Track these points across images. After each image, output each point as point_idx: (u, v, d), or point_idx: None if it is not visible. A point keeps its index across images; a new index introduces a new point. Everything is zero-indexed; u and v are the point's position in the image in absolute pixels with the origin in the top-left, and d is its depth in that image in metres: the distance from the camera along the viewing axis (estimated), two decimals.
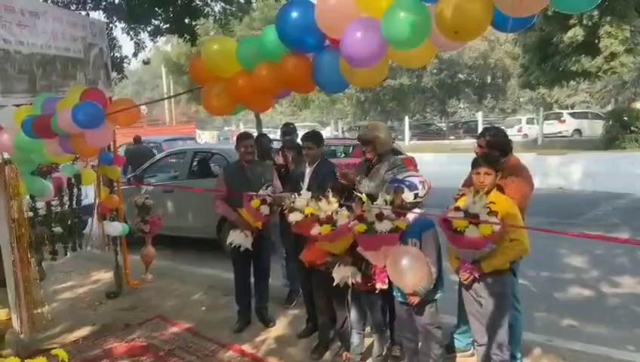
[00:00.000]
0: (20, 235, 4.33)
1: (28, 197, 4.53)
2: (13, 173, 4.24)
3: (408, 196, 3.23)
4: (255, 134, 5.56)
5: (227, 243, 4.50)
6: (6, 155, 3.99)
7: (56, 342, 4.44)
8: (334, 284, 3.44)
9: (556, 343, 4.02)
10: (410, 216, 3.19)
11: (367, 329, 3.83)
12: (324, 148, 4.65)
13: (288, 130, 5.51)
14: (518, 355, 3.58)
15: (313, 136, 4.43)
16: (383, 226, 2.99)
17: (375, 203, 3.16)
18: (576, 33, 17.31)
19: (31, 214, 4.55)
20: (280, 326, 4.64)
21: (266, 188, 4.32)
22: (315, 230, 3.37)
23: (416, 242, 3.19)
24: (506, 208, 2.98)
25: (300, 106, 36.07)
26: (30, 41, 4.28)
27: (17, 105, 3.72)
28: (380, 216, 3.01)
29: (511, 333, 3.26)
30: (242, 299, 4.69)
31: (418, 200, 3.25)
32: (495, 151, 3.48)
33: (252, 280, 4.74)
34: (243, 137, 4.69)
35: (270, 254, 4.85)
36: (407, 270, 2.92)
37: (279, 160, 5.31)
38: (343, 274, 3.40)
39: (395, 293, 3.37)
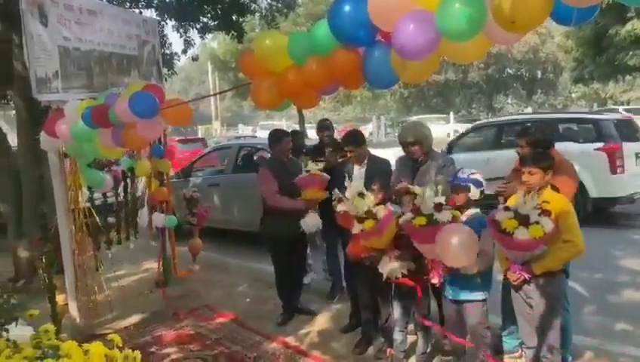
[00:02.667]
0: (79, 225, 4.54)
1: (85, 188, 4.75)
2: (72, 165, 4.45)
3: (475, 193, 3.18)
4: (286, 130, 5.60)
5: (303, 231, 4.39)
6: (64, 148, 4.20)
7: (109, 327, 4.63)
8: (383, 279, 3.42)
9: (609, 347, 3.86)
10: (469, 214, 3.14)
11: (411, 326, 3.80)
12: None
13: (324, 125, 5.50)
14: (569, 358, 3.47)
15: (350, 138, 4.41)
16: (444, 216, 2.88)
17: (427, 194, 3.00)
18: (634, 26, 16.48)
19: (88, 205, 4.74)
20: (323, 320, 4.67)
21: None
22: (357, 228, 3.33)
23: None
24: (560, 207, 2.86)
25: (342, 102, 36.05)
26: (88, 39, 4.45)
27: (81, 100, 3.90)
28: (439, 207, 2.90)
29: (561, 336, 3.16)
30: (285, 292, 4.75)
31: (483, 196, 3.21)
32: (538, 149, 3.39)
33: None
34: (283, 134, 4.78)
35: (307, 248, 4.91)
36: (457, 248, 2.80)
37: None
38: (391, 267, 3.37)
39: (445, 292, 3.32)
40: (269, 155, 4.78)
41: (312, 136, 9.87)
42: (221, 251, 7.14)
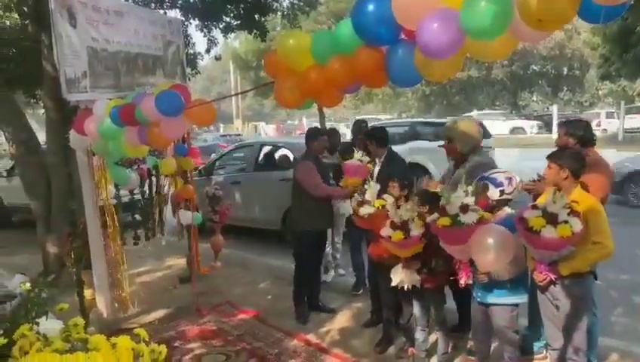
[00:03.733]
0: (106, 221, 4.64)
1: (112, 186, 4.85)
2: (99, 163, 4.56)
3: (494, 193, 3.12)
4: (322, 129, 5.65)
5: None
6: (91, 147, 4.30)
7: (134, 322, 4.73)
8: (392, 285, 3.44)
9: (634, 349, 3.79)
10: (502, 215, 3.09)
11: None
12: None
13: (360, 127, 5.51)
14: (594, 360, 3.42)
15: (371, 133, 4.64)
16: (469, 218, 2.83)
17: (455, 194, 2.97)
18: None
19: (115, 202, 4.85)
20: (344, 318, 4.69)
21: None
22: (386, 231, 3.34)
23: None
24: (589, 207, 2.79)
25: (363, 100, 35.95)
26: (115, 40, 4.54)
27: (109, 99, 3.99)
28: (465, 208, 2.85)
29: (587, 338, 3.11)
30: (308, 289, 4.80)
31: (505, 197, 3.14)
32: (573, 141, 3.34)
33: None
34: (320, 132, 4.90)
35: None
36: (493, 249, 2.75)
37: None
38: (400, 277, 3.39)
39: (474, 293, 3.29)
40: (304, 152, 4.81)
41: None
42: (242, 248, 7.20)
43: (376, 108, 41.43)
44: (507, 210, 3.15)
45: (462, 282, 3.12)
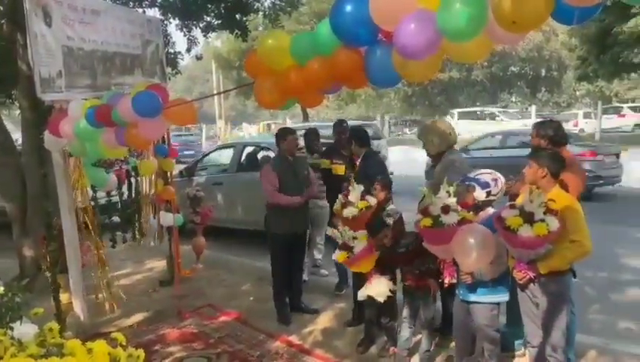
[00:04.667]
0: (82, 223, 4.56)
1: (89, 187, 4.78)
2: (75, 164, 4.48)
3: (480, 195, 3.14)
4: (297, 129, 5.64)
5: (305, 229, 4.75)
6: (67, 148, 4.22)
7: (113, 326, 4.65)
8: (358, 299, 3.50)
9: (613, 346, 3.86)
10: (485, 215, 3.10)
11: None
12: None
13: (342, 127, 5.49)
14: (572, 358, 3.46)
15: (352, 133, 4.69)
16: (450, 219, 2.86)
17: (438, 195, 3.01)
18: (637, 23, 16.39)
19: (92, 204, 4.77)
20: (327, 318, 4.68)
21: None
22: (335, 255, 3.50)
23: None
24: (566, 206, 2.82)
25: (346, 101, 36.03)
26: (92, 39, 4.46)
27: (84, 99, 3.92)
28: (446, 209, 2.88)
29: (566, 335, 3.15)
30: (286, 291, 4.77)
31: (491, 198, 3.17)
32: (544, 142, 3.41)
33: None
34: (289, 132, 4.76)
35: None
36: (474, 249, 2.78)
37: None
38: (369, 292, 3.43)
39: (457, 291, 3.30)
40: (276, 153, 4.81)
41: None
42: (224, 250, 7.16)
43: (359, 109, 41.56)
44: (490, 210, 3.18)
45: (446, 281, 3.16)
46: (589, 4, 1.45)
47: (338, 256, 3.46)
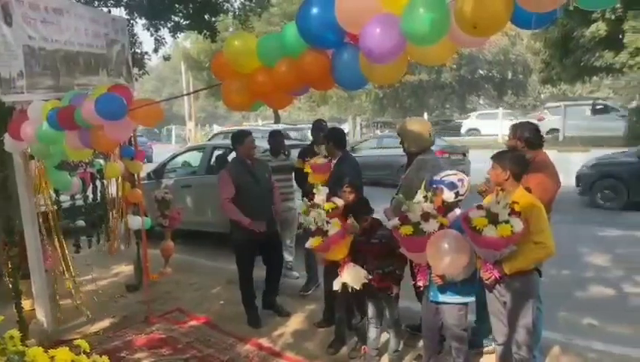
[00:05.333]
0: (46, 228, 4.44)
1: (52, 191, 4.64)
2: (38, 168, 4.35)
3: (449, 196, 3.18)
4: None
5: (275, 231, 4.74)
6: (29, 150, 4.10)
7: (78, 332, 4.54)
8: (333, 289, 3.48)
9: (576, 342, 3.98)
10: (452, 216, 3.15)
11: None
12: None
13: (320, 127, 5.47)
14: (538, 354, 3.55)
15: (329, 132, 4.61)
16: (430, 226, 2.87)
17: (415, 200, 3.01)
18: (598, 28, 16.95)
19: (55, 208, 4.64)
20: (297, 320, 4.67)
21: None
22: (309, 242, 3.45)
23: None
24: (529, 208, 2.87)
25: (318, 102, 36.08)
26: (54, 38, 4.34)
27: (44, 101, 3.81)
28: (426, 216, 2.88)
29: (535, 330, 3.24)
30: (254, 296, 4.73)
31: (460, 198, 3.22)
32: (521, 144, 3.47)
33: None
34: (245, 134, 4.69)
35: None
36: (448, 254, 2.80)
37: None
38: (344, 279, 3.42)
39: (426, 291, 3.33)
40: (234, 157, 4.75)
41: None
42: (194, 253, 7.07)
43: (330, 110, 41.70)
44: (457, 211, 3.22)
45: (419, 284, 3.20)
46: (545, 10, 1.50)
47: (312, 241, 3.40)
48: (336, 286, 3.45)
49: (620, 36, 16.89)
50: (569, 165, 10.96)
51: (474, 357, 3.75)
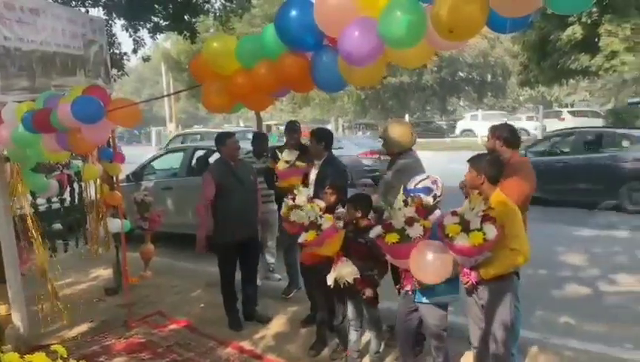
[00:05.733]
0: (21, 231, 4.35)
1: (28, 194, 4.56)
2: (14, 170, 4.27)
3: (428, 200, 3.18)
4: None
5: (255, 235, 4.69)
6: (5, 152, 4.02)
7: (55, 337, 4.46)
8: (328, 284, 3.46)
9: (553, 341, 4.04)
10: (433, 219, 3.14)
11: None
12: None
13: (293, 127, 5.48)
14: (515, 352, 3.60)
15: (315, 132, 4.54)
16: (415, 231, 2.84)
17: (396, 207, 2.99)
18: (574, 31, 17.26)
19: (31, 211, 4.55)
20: (279, 322, 4.66)
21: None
22: (302, 237, 3.41)
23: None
24: (506, 214, 2.86)
25: (300, 104, 36.10)
26: (30, 38, 4.27)
27: (19, 102, 3.73)
28: (410, 221, 2.85)
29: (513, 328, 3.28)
30: (235, 298, 4.69)
31: (438, 200, 3.24)
32: (500, 143, 3.54)
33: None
34: (228, 136, 4.67)
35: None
36: (430, 264, 2.79)
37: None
38: (337, 274, 3.41)
39: (403, 292, 3.34)
40: (218, 158, 4.72)
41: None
42: (174, 256, 7.00)
43: (313, 112, 41.74)
44: (437, 212, 3.23)
45: (406, 289, 3.20)
46: (520, 15, 1.53)
47: (306, 236, 3.36)
48: (330, 280, 3.41)
49: (596, 39, 17.25)
50: None
51: (454, 357, 3.78)
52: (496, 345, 3.09)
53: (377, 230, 3.04)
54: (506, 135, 3.61)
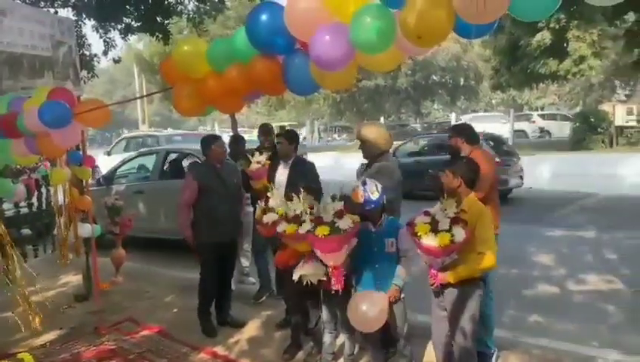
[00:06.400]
0: None
1: None
2: None
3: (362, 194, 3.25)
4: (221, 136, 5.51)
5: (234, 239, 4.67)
6: None
7: (22, 346, 4.34)
8: (292, 284, 3.45)
9: (523, 339, 4.12)
10: (382, 219, 3.21)
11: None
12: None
13: (266, 130, 5.45)
14: (491, 344, 3.66)
15: (286, 133, 4.55)
16: (345, 223, 2.92)
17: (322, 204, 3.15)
18: (543, 37, 17.73)
19: None
20: (253, 327, 4.63)
21: None
22: (281, 227, 3.37)
23: (394, 241, 3.22)
24: (477, 218, 2.90)
25: (275, 106, 35.98)
26: None
27: None
28: (340, 214, 2.94)
29: (487, 325, 3.36)
30: (211, 303, 4.63)
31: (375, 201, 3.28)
32: (462, 140, 3.67)
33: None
34: (215, 138, 4.65)
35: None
36: (368, 313, 2.99)
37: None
38: (303, 271, 3.40)
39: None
40: (202, 160, 4.70)
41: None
42: (146, 261, 6.89)
43: (289, 114, 41.68)
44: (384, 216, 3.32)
45: (336, 288, 3.15)
46: (484, 22, 1.56)
47: (286, 227, 3.32)
48: (295, 276, 3.41)
49: (565, 45, 17.72)
50: None
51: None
52: (464, 336, 3.07)
53: (307, 225, 3.09)
54: (467, 132, 3.80)
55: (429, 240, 2.69)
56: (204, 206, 4.42)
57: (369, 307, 3.00)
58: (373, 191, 3.24)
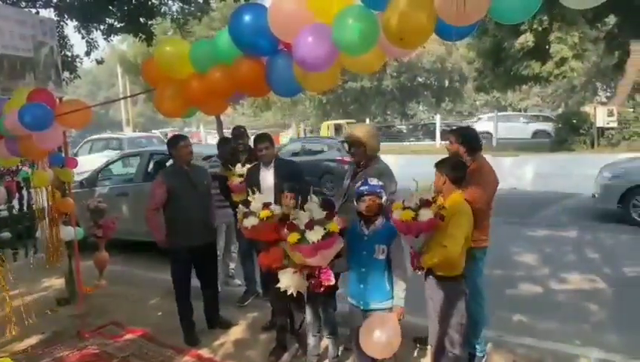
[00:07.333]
0: None
1: None
2: None
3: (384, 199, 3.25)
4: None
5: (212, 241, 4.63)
6: None
7: (3, 351, 4.26)
8: (277, 286, 3.43)
9: (507, 338, 4.17)
10: (378, 223, 3.21)
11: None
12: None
13: (239, 133, 5.39)
14: (479, 347, 3.69)
15: (267, 136, 4.44)
16: (314, 236, 2.94)
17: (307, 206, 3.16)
18: (527, 39, 17.91)
19: None
20: (238, 329, 4.61)
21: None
22: (293, 237, 3.26)
23: (384, 248, 3.18)
24: (454, 213, 3.04)
25: (261, 108, 35.89)
26: None
27: None
28: (310, 225, 2.95)
29: (474, 328, 3.43)
30: (190, 310, 4.53)
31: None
32: (463, 148, 3.62)
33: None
34: (181, 139, 4.52)
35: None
36: (380, 339, 2.95)
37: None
38: (288, 282, 3.39)
39: (356, 303, 3.33)
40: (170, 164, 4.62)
41: None
42: (131, 264, 6.82)
43: (275, 115, 41.59)
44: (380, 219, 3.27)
45: (326, 284, 3.20)
46: (464, 24, 1.58)
47: (290, 236, 3.21)
48: (282, 284, 3.39)
49: (547, 47, 17.93)
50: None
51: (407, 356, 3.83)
52: (452, 344, 3.18)
53: (285, 232, 3.14)
54: (469, 139, 3.69)
55: (397, 215, 2.94)
56: (172, 209, 4.34)
57: (382, 332, 2.96)
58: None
